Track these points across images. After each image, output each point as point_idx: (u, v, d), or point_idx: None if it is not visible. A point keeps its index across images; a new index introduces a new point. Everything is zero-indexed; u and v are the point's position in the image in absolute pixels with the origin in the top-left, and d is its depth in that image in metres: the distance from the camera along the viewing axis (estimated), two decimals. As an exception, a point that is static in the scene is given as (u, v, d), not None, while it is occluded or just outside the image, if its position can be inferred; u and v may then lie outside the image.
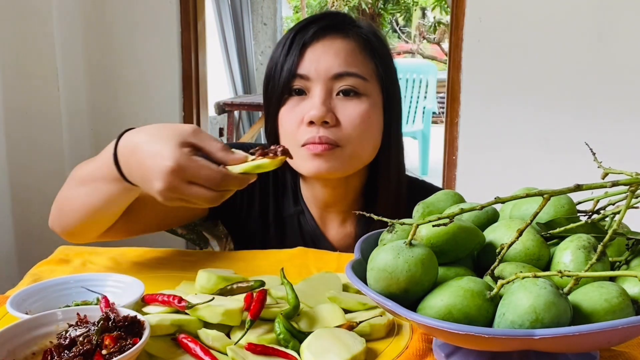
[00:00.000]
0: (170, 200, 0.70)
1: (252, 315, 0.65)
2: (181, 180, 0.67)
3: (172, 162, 0.66)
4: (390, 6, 9.64)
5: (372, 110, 0.95)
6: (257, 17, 5.55)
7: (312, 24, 0.97)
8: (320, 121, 0.92)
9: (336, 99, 0.94)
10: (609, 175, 0.60)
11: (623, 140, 2.13)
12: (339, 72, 0.93)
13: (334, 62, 0.94)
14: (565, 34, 2.17)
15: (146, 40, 2.40)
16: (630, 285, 0.56)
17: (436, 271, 0.58)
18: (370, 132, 0.96)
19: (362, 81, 0.94)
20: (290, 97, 0.96)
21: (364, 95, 0.95)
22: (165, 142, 0.67)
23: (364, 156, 0.98)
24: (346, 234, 1.06)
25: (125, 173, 0.74)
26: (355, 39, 0.97)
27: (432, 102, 5.38)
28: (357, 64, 0.95)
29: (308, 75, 0.94)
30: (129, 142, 0.73)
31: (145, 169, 0.69)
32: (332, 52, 0.94)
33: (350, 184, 1.03)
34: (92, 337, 0.57)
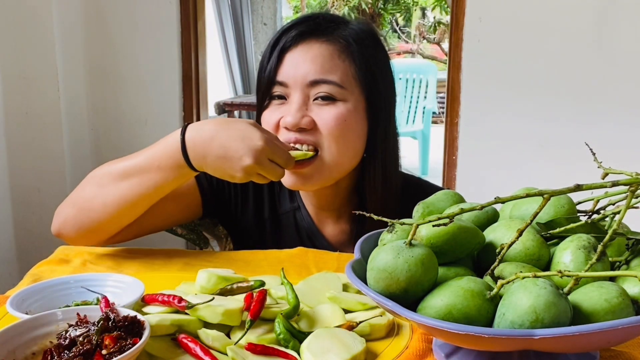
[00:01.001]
0: (250, 175, 0.85)
1: (252, 315, 0.65)
2: (265, 157, 0.84)
3: (263, 141, 0.83)
4: (390, 6, 9.64)
5: (350, 114, 0.95)
6: (257, 17, 5.55)
7: (293, 28, 0.97)
8: (295, 128, 0.94)
9: (313, 104, 0.95)
10: (609, 175, 0.60)
11: (623, 141, 2.13)
12: (314, 79, 0.94)
13: (310, 69, 0.94)
14: (565, 34, 2.17)
15: (146, 40, 2.40)
16: (630, 285, 0.56)
17: (436, 271, 0.58)
18: (348, 135, 0.95)
19: (338, 88, 0.95)
20: (272, 101, 0.98)
21: (340, 101, 0.95)
22: (249, 128, 0.85)
23: (344, 163, 0.97)
24: (341, 231, 1.07)
25: (196, 158, 0.86)
26: (335, 43, 0.96)
27: (432, 102, 5.38)
28: (334, 70, 0.95)
29: (286, 82, 0.96)
30: (204, 129, 0.86)
31: (232, 149, 0.84)
32: (309, 58, 0.95)
33: (340, 185, 1.03)
34: (92, 337, 0.57)
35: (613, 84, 2.15)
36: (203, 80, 2.56)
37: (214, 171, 0.87)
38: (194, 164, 0.87)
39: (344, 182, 1.03)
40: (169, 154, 0.88)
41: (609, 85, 2.15)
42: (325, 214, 1.07)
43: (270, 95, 0.98)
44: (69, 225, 0.94)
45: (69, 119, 2.19)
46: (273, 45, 0.98)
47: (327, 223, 1.08)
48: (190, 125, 0.88)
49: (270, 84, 0.97)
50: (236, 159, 0.83)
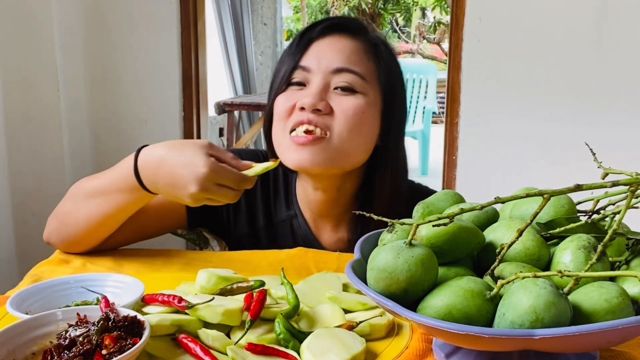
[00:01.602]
0: (199, 201, 0.82)
1: (252, 315, 0.65)
2: (212, 183, 0.79)
3: (206, 168, 0.78)
4: (390, 6, 9.64)
5: (367, 108, 0.95)
6: (257, 17, 5.55)
7: (322, 22, 0.99)
8: (312, 108, 0.92)
9: (333, 92, 0.95)
10: (609, 175, 0.60)
11: (623, 141, 2.13)
12: (339, 67, 0.95)
13: (336, 57, 0.95)
14: (565, 34, 2.17)
15: (146, 40, 2.40)
16: (630, 285, 0.56)
17: (436, 271, 0.58)
18: (361, 128, 0.95)
19: (360, 80, 0.95)
20: (289, 87, 0.97)
21: (360, 93, 0.95)
22: (194, 153, 0.80)
23: (352, 154, 0.96)
24: (339, 239, 1.06)
25: (148, 183, 0.85)
26: (362, 40, 0.98)
27: (432, 102, 5.38)
28: (358, 63, 0.96)
29: (309, 67, 0.96)
30: (152, 156, 0.84)
31: (178, 176, 0.80)
32: (335, 48, 0.96)
33: (343, 188, 1.02)
34: (92, 337, 0.57)
35: (613, 84, 2.15)
36: (203, 80, 2.56)
37: (166, 196, 0.85)
38: (148, 187, 0.86)
39: (348, 185, 1.02)
40: (126, 177, 0.86)
41: (609, 85, 2.15)
42: (324, 222, 1.06)
43: (289, 81, 0.97)
44: (54, 236, 0.96)
45: (69, 120, 2.19)
46: (301, 35, 0.99)
47: (325, 231, 1.06)
48: (143, 150, 0.86)
49: (293, 69, 0.96)
50: (182, 186, 0.80)
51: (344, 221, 1.06)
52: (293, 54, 0.98)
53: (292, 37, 7.67)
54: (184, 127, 2.52)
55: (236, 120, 4.42)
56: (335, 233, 1.06)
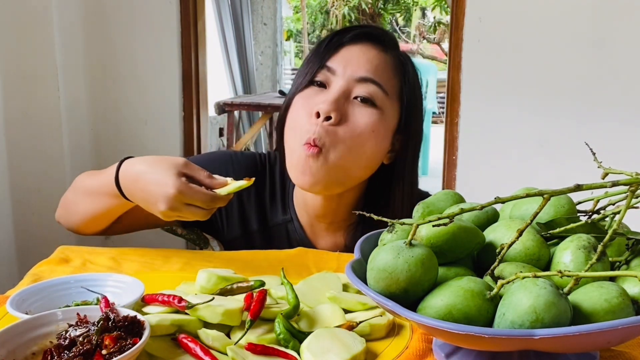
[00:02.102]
0: (170, 218, 0.84)
1: (252, 315, 0.65)
2: (180, 203, 0.81)
3: (174, 189, 0.80)
4: (390, 6, 9.64)
5: (380, 126, 0.94)
6: (257, 17, 5.55)
7: (356, 28, 0.98)
8: (325, 115, 0.91)
9: (352, 101, 0.94)
10: (609, 175, 0.60)
11: (623, 140, 2.13)
12: (364, 76, 0.93)
13: (363, 66, 0.94)
14: (565, 34, 2.17)
15: (146, 40, 2.40)
16: (630, 285, 0.56)
17: (436, 271, 0.58)
18: (365, 145, 0.93)
19: (382, 93, 0.94)
20: (310, 86, 0.96)
21: (378, 108, 0.94)
22: (166, 173, 0.82)
23: (349, 169, 0.94)
24: (335, 244, 1.05)
25: (127, 194, 0.89)
26: (392, 55, 0.98)
27: (432, 102, 5.38)
28: (384, 77, 0.95)
29: (335, 69, 0.95)
30: (130, 171, 0.88)
31: (150, 194, 0.83)
32: (365, 57, 0.95)
33: (343, 199, 1.01)
34: (92, 337, 0.57)
35: (613, 84, 2.15)
36: (203, 80, 2.56)
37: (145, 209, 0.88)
38: (128, 198, 0.89)
39: (349, 196, 1.01)
40: (110, 183, 0.90)
41: (609, 85, 2.15)
42: (320, 227, 1.05)
43: (312, 80, 0.96)
44: (62, 219, 1.04)
45: (69, 119, 2.19)
46: (332, 36, 0.98)
47: (321, 236, 1.06)
48: (124, 163, 0.90)
49: (318, 69, 0.95)
50: (152, 203, 0.83)
51: (342, 228, 1.05)
52: (321, 54, 0.97)
53: (292, 37, 7.67)
54: (184, 127, 2.52)
55: (236, 120, 4.42)
56: (332, 238, 1.05)
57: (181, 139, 2.52)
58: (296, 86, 0.98)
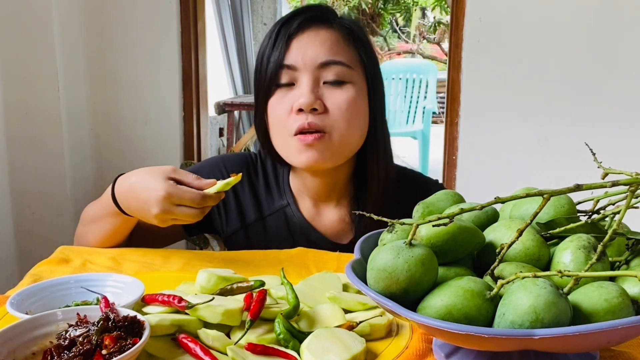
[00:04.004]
0: (164, 221, 0.88)
1: (252, 315, 0.65)
2: (171, 204, 0.85)
3: (163, 191, 0.85)
4: (390, 6, 9.64)
5: (358, 96, 0.98)
6: (257, 17, 5.55)
7: (297, 16, 0.99)
8: (309, 108, 0.94)
9: (323, 87, 0.97)
10: (609, 175, 0.60)
11: (623, 140, 2.13)
12: (325, 61, 0.96)
13: (319, 51, 0.96)
14: (565, 34, 2.17)
15: (146, 40, 2.40)
16: (630, 285, 0.56)
17: (436, 271, 0.58)
18: (356, 118, 0.98)
19: (347, 69, 0.97)
20: (278, 89, 0.98)
21: (349, 83, 0.97)
22: (155, 179, 0.86)
23: (352, 143, 0.99)
24: (338, 219, 1.07)
25: (124, 208, 0.93)
26: (339, 29, 1.00)
27: (432, 102, 5.37)
28: (342, 53, 0.98)
29: (295, 65, 0.96)
30: (123, 185, 0.92)
31: (142, 201, 0.87)
32: (317, 41, 0.97)
33: (339, 172, 1.05)
34: (92, 337, 0.57)
35: (613, 84, 2.15)
36: (203, 80, 2.56)
37: (140, 218, 0.92)
38: (126, 212, 0.93)
39: (344, 169, 1.05)
40: (109, 203, 0.95)
41: (609, 85, 2.15)
42: (321, 206, 1.08)
43: (277, 83, 0.98)
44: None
45: (69, 119, 2.19)
46: (277, 33, 0.99)
47: (323, 215, 1.08)
48: (118, 179, 0.94)
49: (278, 70, 0.97)
50: (146, 209, 0.87)
51: (342, 203, 1.08)
52: (275, 52, 0.98)
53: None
54: (184, 127, 2.52)
55: (236, 120, 4.42)
56: (333, 215, 1.08)
57: (181, 139, 2.52)
58: (263, 90, 1.00)
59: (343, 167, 1.04)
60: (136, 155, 2.48)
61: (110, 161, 2.42)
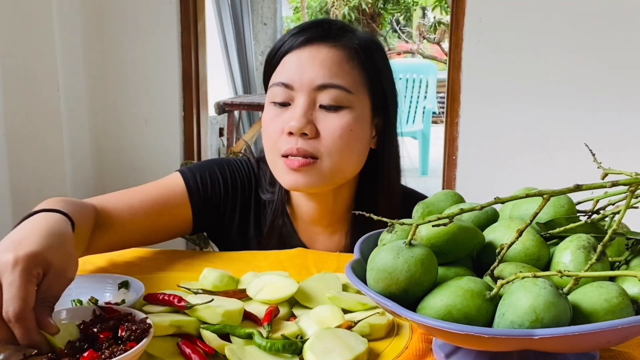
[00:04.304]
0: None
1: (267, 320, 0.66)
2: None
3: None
4: (390, 6, 9.64)
5: (355, 123, 0.93)
6: (257, 17, 5.55)
7: (303, 32, 0.95)
8: (299, 132, 0.90)
9: (319, 110, 0.92)
10: (609, 175, 0.60)
11: (623, 140, 2.13)
12: (322, 84, 0.91)
13: (318, 73, 0.92)
14: (565, 34, 2.17)
15: (146, 40, 2.40)
16: (630, 285, 0.56)
17: (436, 271, 0.58)
18: (351, 145, 0.93)
19: (346, 94, 0.92)
20: (273, 105, 0.95)
21: (347, 108, 0.93)
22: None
23: (345, 170, 0.95)
24: (334, 246, 1.04)
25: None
26: (344, 48, 0.94)
27: (432, 102, 5.38)
28: (342, 75, 0.93)
29: (292, 85, 0.93)
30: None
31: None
32: (317, 61, 0.92)
33: (338, 198, 1.01)
34: None
35: (613, 84, 2.15)
36: (203, 80, 2.56)
37: None
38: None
39: (343, 194, 1.01)
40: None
41: (609, 85, 2.15)
42: (316, 231, 1.04)
43: (273, 101, 0.95)
44: None
45: (69, 119, 2.19)
46: (280, 47, 0.96)
47: (318, 240, 1.05)
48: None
49: (276, 85, 0.94)
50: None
51: (339, 230, 1.04)
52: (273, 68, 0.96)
53: (292, 37, 7.50)
54: (184, 127, 2.52)
55: (236, 120, 4.42)
56: (330, 241, 1.05)
57: (181, 139, 2.52)
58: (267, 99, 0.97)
59: (342, 192, 1.00)
60: (136, 155, 2.48)
61: (110, 161, 2.42)
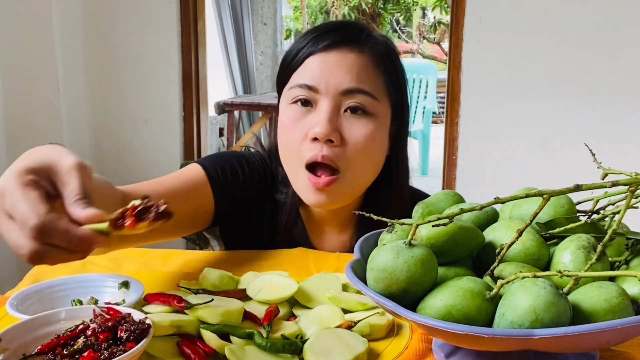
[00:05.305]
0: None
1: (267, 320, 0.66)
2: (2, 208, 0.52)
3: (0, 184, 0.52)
4: (390, 6, 9.65)
5: (378, 131, 0.92)
6: (257, 17, 5.55)
7: (328, 34, 0.93)
8: (325, 139, 0.88)
9: (343, 116, 0.90)
10: (609, 175, 0.60)
11: (623, 139, 2.13)
12: (349, 88, 0.89)
13: (345, 77, 0.89)
14: (565, 34, 2.17)
15: (146, 40, 2.40)
16: (629, 285, 0.56)
17: (436, 271, 0.58)
18: (373, 154, 0.93)
19: (371, 100, 0.90)
20: (294, 104, 0.92)
21: (372, 115, 0.91)
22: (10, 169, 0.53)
23: (365, 181, 0.95)
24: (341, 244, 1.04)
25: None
26: (370, 54, 0.93)
27: (432, 102, 5.39)
28: (369, 81, 0.91)
29: (317, 87, 0.90)
30: None
31: None
32: (344, 66, 0.90)
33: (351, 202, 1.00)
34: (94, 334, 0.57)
35: (613, 84, 2.15)
36: (203, 80, 2.56)
37: None
38: None
39: (356, 200, 1.00)
40: None
41: (610, 85, 2.15)
42: (326, 230, 1.04)
43: (295, 98, 0.92)
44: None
45: (69, 119, 2.19)
46: (301, 48, 0.93)
47: (326, 239, 1.04)
48: None
49: (298, 87, 0.91)
50: None
51: (348, 230, 1.04)
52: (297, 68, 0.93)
53: (291, 37, 7.61)
54: (184, 127, 2.52)
55: (236, 120, 4.42)
56: (338, 239, 1.05)
57: (181, 139, 2.52)
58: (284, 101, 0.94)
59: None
60: (136, 155, 2.48)
61: (110, 161, 2.42)
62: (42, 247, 0.50)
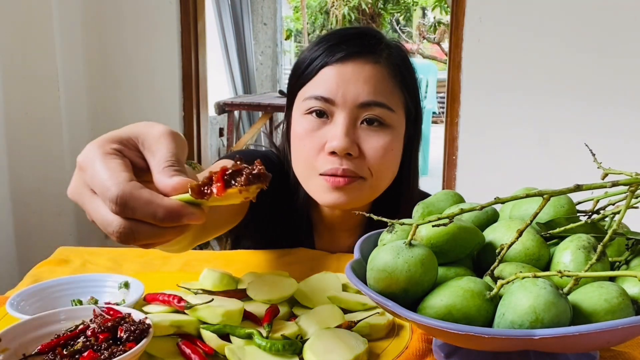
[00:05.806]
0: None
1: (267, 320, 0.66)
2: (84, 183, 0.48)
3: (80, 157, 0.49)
4: (390, 6, 9.65)
5: (395, 142, 0.92)
6: (257, 17, 5.55)
7: (344, 43, 0.91)
8: (343, 153, 0.87)
9: (360, 128, 0.89)
10: (609, 175, 0.60)
11: (624, 139, 2.13)
12: (366, 101, 0.88)
13: (362, 90, 0.88)
14: (564, 34, 2.17)
15: (146, 40, 2.40)
16: (630, 285, 0.56)
17: (436, 271, 0.58)
18: (391, 163, 0.93)
19: (388, 111, 0.90)
20: (309, 115, 0.90)
21: (388, 127, 0.90)
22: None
23: (383, 188, 0.95)
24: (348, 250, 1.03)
25: None
26: (386, 64, 0.91)
27: (432, 102, 5.39)
28: (385, 93, 0.90)
29: (334, 100, 0.88)
30: None
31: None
32: (361, 78, 0.88)
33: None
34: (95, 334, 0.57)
35: (613, 84, 2.15)
36: (203, 80, 2.56)
37: None
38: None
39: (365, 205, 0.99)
40: None
41: (610, 85, 2.15)
42: (335, 235, 1.04)
43: (310, 109, 0.90)
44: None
45: (69, 119, 2.19)
46: (315, 57, 0.91)
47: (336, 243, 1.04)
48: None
49: (314, 98, 0.89)
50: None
51: (356, 234, 1.04)
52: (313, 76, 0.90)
53: (291, 37, 7.58)
54: (184, 127, 2.52)
55: (236, 120, 4.42)
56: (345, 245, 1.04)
57: (181, 139, 2.52)
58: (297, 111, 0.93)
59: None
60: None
61: (110, 161, 2.42)
62: (130, 223, 0.44)
